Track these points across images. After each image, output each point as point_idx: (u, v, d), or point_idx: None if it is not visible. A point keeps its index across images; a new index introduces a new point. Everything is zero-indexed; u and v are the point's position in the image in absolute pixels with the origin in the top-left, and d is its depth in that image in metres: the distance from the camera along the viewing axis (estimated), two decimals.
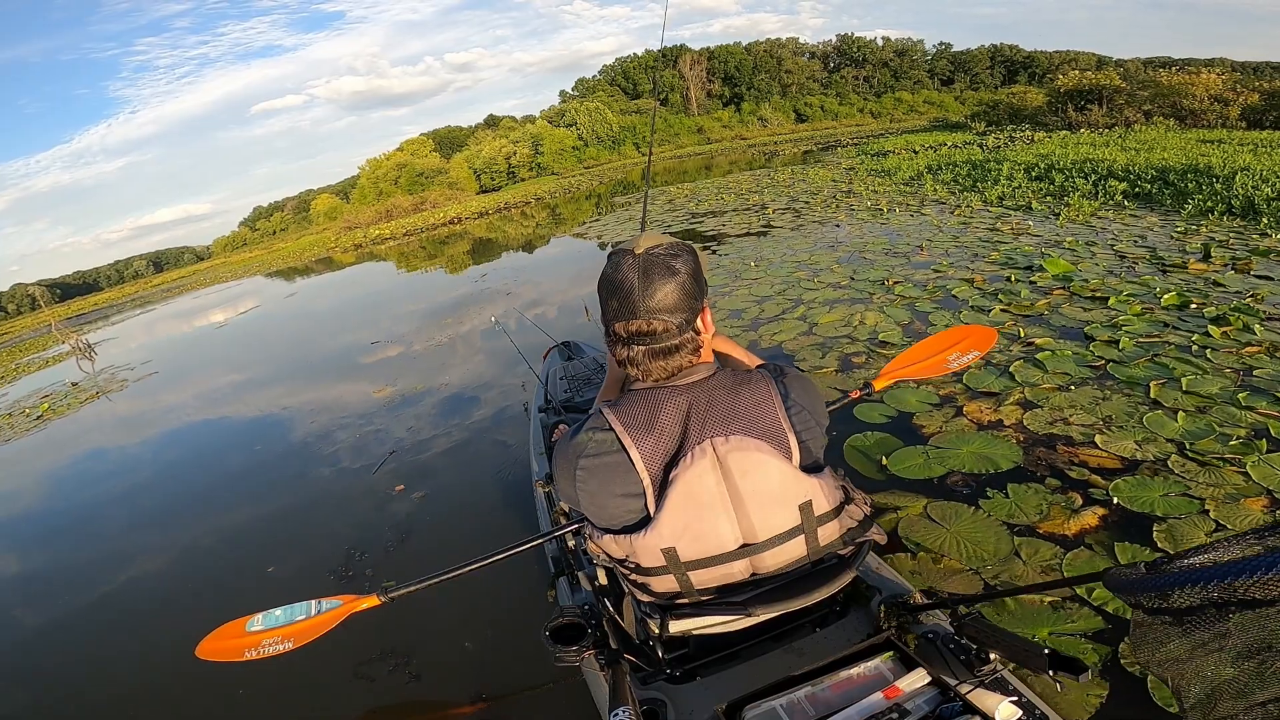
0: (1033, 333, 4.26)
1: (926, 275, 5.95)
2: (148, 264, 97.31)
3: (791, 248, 8.11)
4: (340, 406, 5.75)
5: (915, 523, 2.64)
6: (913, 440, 3.25)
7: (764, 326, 5.27)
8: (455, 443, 4.44)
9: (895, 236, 7.83)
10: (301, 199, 77.22)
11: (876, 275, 6.16)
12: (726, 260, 7.94)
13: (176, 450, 5.87)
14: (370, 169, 54.68)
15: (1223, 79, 24.01)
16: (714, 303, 6.08)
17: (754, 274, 7.01)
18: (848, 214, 10.09)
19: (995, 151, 16.33)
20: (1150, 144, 14.85)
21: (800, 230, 9.28)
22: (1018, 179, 10.93)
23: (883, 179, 14.41)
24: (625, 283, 1.10)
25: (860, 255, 7.09)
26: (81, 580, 3.71)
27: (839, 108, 74.08)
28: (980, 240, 7.08)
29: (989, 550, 2.43)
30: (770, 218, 10.87)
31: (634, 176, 35.48)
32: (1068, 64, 74.74)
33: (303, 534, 3.68)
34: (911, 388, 3.73)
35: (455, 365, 6.41)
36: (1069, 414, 3.25)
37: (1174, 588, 0.77)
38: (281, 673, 2.34)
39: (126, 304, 34.30)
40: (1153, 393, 3.31)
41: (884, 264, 6.56)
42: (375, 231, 32.49)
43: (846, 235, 8.36)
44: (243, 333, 12.55)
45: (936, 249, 6.89)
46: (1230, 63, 42.50)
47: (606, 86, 74.72)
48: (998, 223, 7.91)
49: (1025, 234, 7.15)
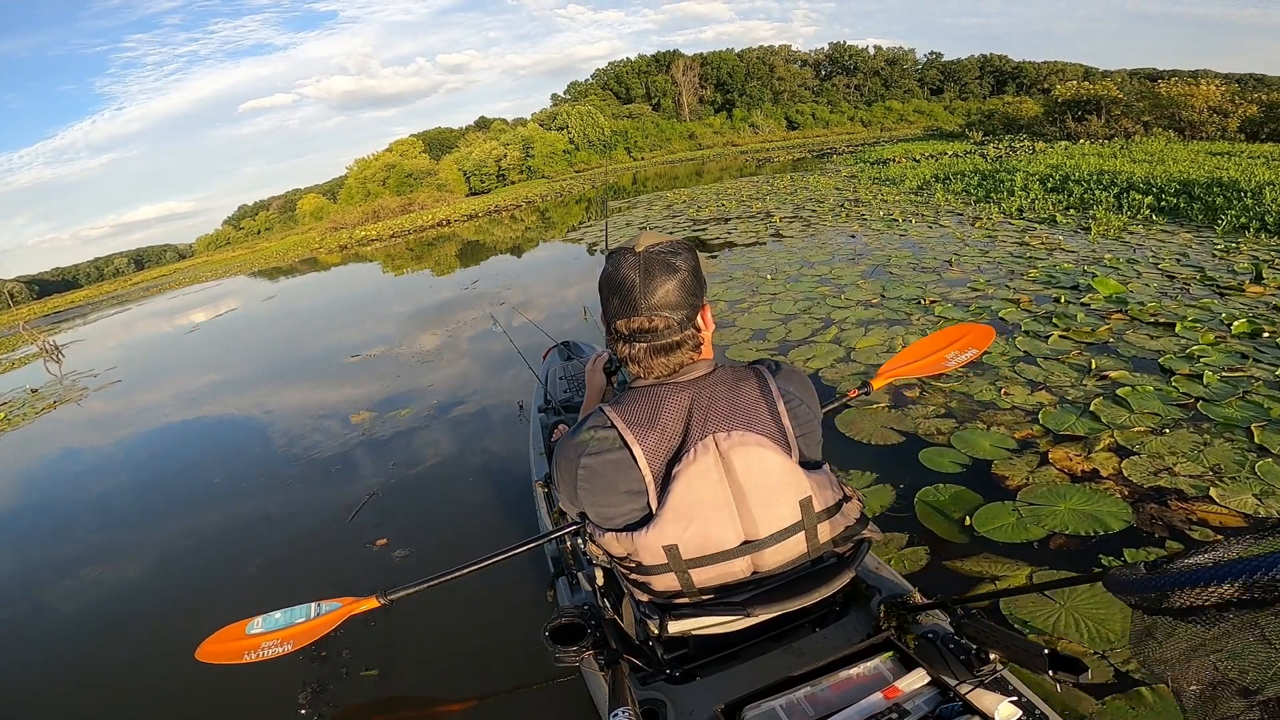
0: (1104, 364, 3.81)
1: (964, 294, 5.52)
2: (129, 261, 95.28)
3: (808, 259, 7.64)
4: (319, 429, 5.14)
5: (1023, 599, 2.17)
6: (996, 494, 2.77)
7: (794, 350, 4.77)
8: (454, 443, 4.43)
9: (918, 249, 7.41)
10: (288, 198, 76.20)
11: (908, 292, 5.71)
12: (739, 272, 7.46)
13: (126, 476, 5.18)
14: (358, 169, 53.82)
15: (1221, 91, 24.00)
16: (733, 320, 5.68)
17: (772, 288, 6.53)
18: (860, 224, 9.68)
19: (999, 161, 16.07)
20: (1158, 156, 14.64)
21: (814, 240, 8.83)
22: (1034, 190, 10.58)
23: (889, 187, 14.06)
24: (626, 280, 1.09)
25: (885, 270, 6.64)
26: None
27: (830, 115, 74.31)
28: (1011, 255, 6.67)
29: (1116, 629, 1.99)
30: (779, 226, 10.44)
31: (625, 181, 35.08)
32: (1055, 75, 75.86)
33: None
34: (981, 430, 3.27)
35: (450, 369, 6.20)
36: (1172, 462, 2.80)
37: (1174, 588, 0.76)
38: (281, 674, 2.34)
39: (103, 302, 33.25)
40: (1257, 438, 2.88)
41: (914, 280, 6.12)
42: (361, 233, 31.73)
43: (865, 247, 7.92)
44: (218, 334, 11.86)
45: (967, 264, 6.47)
46: (1215, 75, 42.81)
47: (599, 90, 74.49)
48: (1025, 236, 7.51)
49: (1058, 249, 6.75)
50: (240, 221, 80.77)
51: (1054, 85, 72.27)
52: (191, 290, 25.26)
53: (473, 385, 5.58)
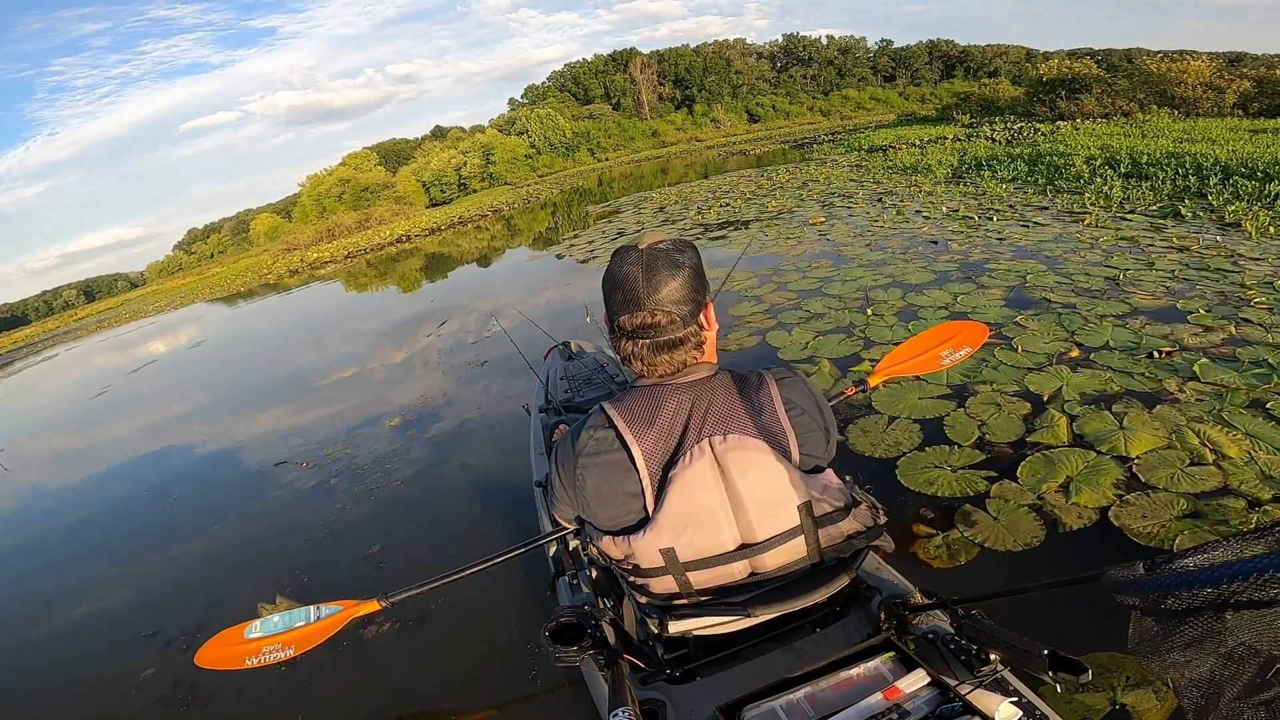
0: None
1: (1196, 333, 3.75)
2: (78, 293, 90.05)
3: (896, 276, 5.75)
4: (315, 444, 3.33)
5: None
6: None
7: (1029, 468, 2.96)
8: (452, 445, 4.48)
9: (1044, 260, 5.62)
10: (240, 219, 72.88)
11: (1113, 337, 3.90)
12: (816, 302, 5.53)
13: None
14: (311, 186, 50.78)
15: (1210, 66, 23.44)
16: (873, 406, 3.90)
17: (888, 333, 4.63)
18: (926, 223, 7.91)
19: (1012, 145, 14.60)
20: (1191, 134, 13.28)
21: (882, 246, 6.94)
22: (1110, 179, 8.98)
23: (913, 177, 12.40)
24: (630, 276, 1.09)
25: (1029, 292, 4.83)
26: None
27: (790, 107, 73.82)
28: (1189, 267, 4.94)
29: None
30: (820, 228, 8.60)
31: (590, 183, 33.46)
32: (1000, 57, 76.58)
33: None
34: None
35: (450, 370, 6.28)
36: None
37: (1173, 589, 0.76)
38: (279, 676, 2.43)
39: (39, 342, 30.34)
40: None
41: (1089, 310, 4.32)
42: (314, 254, 29.12)
43: (965, 257, 6.08)
44: (147, 389, 9.55)
45: (1144, 285, 4.71)
46: (1147, 52, 42.73)
47: (557, 93, 72.74)
48: (1169, 238, 5.81)
49: (1239, 257, 5.07)
50: (191, 246, 77.06)
51: (1000, 68, 72.63)
52: (131, 328, 22.48)
53: (473, 386, 5.60)
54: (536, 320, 5.73)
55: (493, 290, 10.60)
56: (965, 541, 2.47)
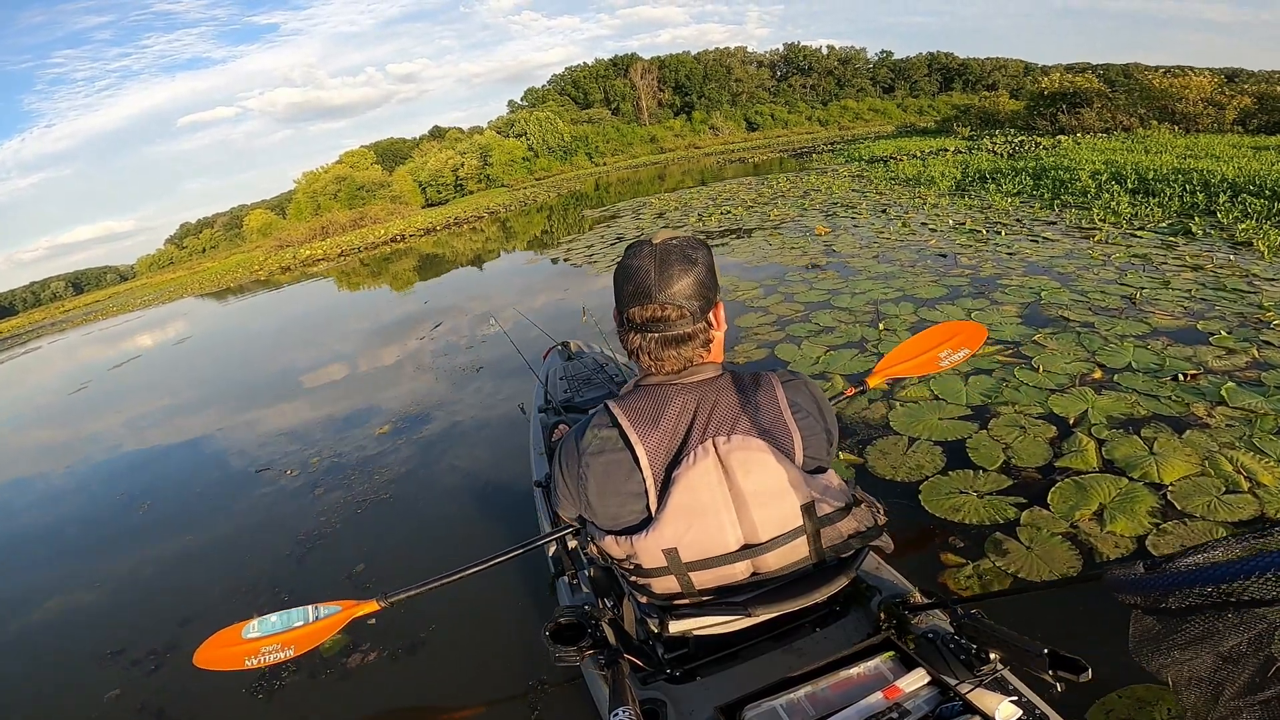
0: None
1: (1221, 359, 3.62)
2: (66, 285, 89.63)
3: (906, 290, 5.63)
4: (312, 445, 3.14)
5: None
6: None
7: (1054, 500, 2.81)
8: (448, 448, 4.39)
9: (1056, 276, 5.51)
10: (233, 215, 72.33)
11: (1135, 358, 3.76)
12: (824, 314, 5.40)
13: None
14: (307, 183, 50.31)
15: (1211, 82, 23.57)
16: (893, 429, 3.74)
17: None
18: (932, 235, 7.79)
19: (1014, 159, 14.55)
20: (1194, 150, 13.27)
21: (889, 259, 6.81)
22: (1118, 194, 8.90)
23: (917, 189, 12.31)
24: (641, 269, 1.08)
25: (1044, 310, 4.70)
26: None
27: (789, 116, 74.09)
28: (1210, 288, 4.80)
29: None
30: (825, 240, 8.44)
31: (588, 188, 33.36)
32: (999, 70, 77.08)
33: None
34: None
35: (449, 372, 6.19)
36: None
37: (1173, 588, 0.76)
38: (279, 675, 2.42)
39: (25, 333, 29.84)
40: None
41: (1108, 330, 4.18)
42: (307, 251, 28.76)
43: (975, 272, 5.95)
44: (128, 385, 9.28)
45: (1162, 304, 4.58)
46: (1146, 67, 43.16)
47: (556, 96, 72.67)
48: (1182, 257, 5.71)
49: (1254, 277, 4.96)
50: (183, 240, 76.30)
51: (999, 81, 72.92)
52: (117, 321, 22.11)
53: (467, 388, 5.55)
54: (533, 322, 5.63)
55: (488, 292, 10.47)
56: (998, 571, 2.31)
